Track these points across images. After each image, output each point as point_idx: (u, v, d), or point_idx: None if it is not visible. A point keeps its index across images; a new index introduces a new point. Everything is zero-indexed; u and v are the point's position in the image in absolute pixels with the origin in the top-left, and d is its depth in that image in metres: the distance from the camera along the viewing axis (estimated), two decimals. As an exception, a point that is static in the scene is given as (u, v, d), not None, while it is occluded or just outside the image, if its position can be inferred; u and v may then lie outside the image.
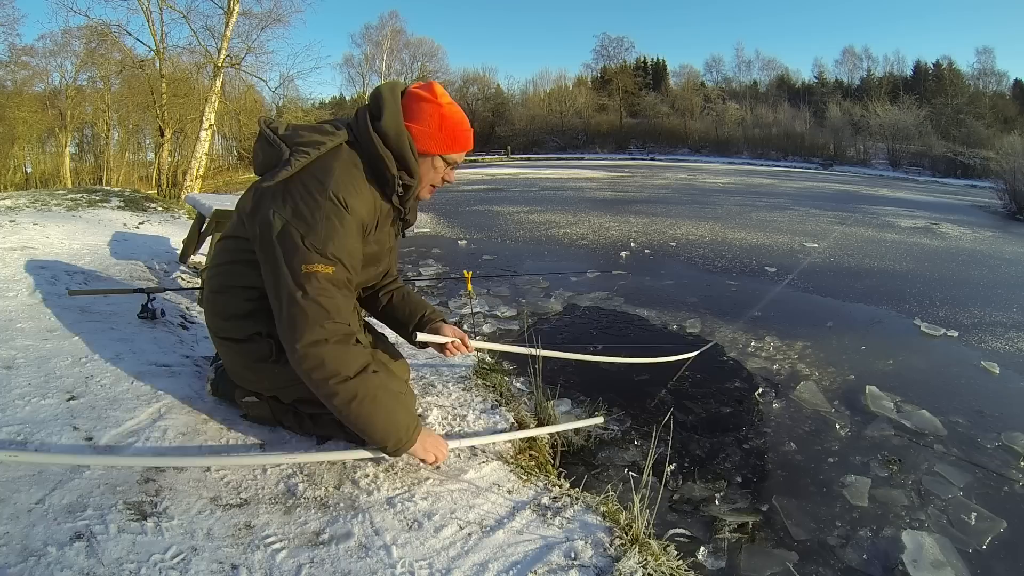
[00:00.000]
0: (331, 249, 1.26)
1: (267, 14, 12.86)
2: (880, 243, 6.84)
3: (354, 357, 1.27)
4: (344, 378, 1.25)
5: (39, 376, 1.69)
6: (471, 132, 1.45)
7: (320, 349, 1.24)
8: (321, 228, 1.26)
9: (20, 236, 3.36)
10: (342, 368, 1.25)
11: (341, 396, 1.26)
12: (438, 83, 1.44)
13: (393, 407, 1.31)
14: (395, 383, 1.44)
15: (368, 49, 36.64)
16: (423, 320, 1.63)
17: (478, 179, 16.87)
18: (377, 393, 1.28)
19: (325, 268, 1.25)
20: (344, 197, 1.28)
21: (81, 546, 1.07)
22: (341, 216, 1.28)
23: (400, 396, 1.37)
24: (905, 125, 32.78)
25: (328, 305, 1.25)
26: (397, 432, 1.32)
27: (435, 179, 1.46)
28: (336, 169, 1.30)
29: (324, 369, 1.24)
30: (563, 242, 6.27)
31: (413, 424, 1.36)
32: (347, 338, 1.27)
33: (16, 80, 17.10)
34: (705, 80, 43.52)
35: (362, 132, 1.35)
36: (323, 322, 1.24)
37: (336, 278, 1.27)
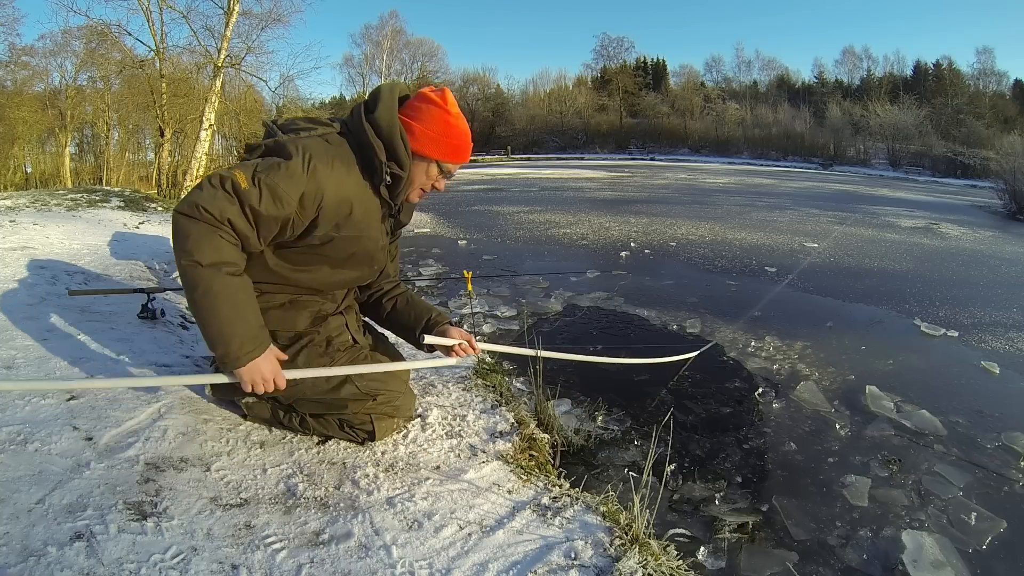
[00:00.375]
0: (262, 176, 1.24)
1: (267, 14, 12.86)
2: (880, 243, 6.84)
3: (216, 247, 1.21)
4: (195, 262, 1.20)
5: (39, 376, 1.69)
6: (471, 147, 1.48)
7: (188, 222, 1.20)
8: (271, 163, 1.26)
9: (20, 236, 3.36)
10: (197, 250, 1.20)
11: (187, 279, 1.22)
12: (451, 92, 1.46)
13: (232, 317, 1.23)
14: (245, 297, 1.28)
15: (368, 49, 36.72)
16: (429, 323, 1.62)
17: (478, 179, 16.87)
18: (222, 294, 1.21)
19: (243, 182, 1.23)
20: (313, 159, 1.29)
21: (81, 546, 1.07)
22: (298, 166, 1.27)
23: (245, 308, 1.26)
24: (905, 125, 32.79)
25: (222, 200, 1.21)
26: (226, 343, 1.23)
27: (426, 183, 1.47)
28: (316, 142, 1.33)
29: (183, 241, 1.20)
30: (563, 242, 6.27)
31: (251, 346, 1.26)
32: (217, 224, 1.21)
33: (16, 80, 17.10)
34: (705, 80, 43.58)
35: (354, 122, 1.38)
36: (206, 204, 1.20)
37: (244, 193, 1.22)
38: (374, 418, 1.54)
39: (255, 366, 1.28)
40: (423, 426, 1.69)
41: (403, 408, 1.62)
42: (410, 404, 1.66)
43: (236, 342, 1.24)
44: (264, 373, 1.30)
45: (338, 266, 1.46)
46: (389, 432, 1.61)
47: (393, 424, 1.62)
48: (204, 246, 1.20)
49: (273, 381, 1.31)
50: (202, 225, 1.20)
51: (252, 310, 1.28)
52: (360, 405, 1.52)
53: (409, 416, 1.69)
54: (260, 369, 1.29)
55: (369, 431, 1.55)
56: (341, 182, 1.33)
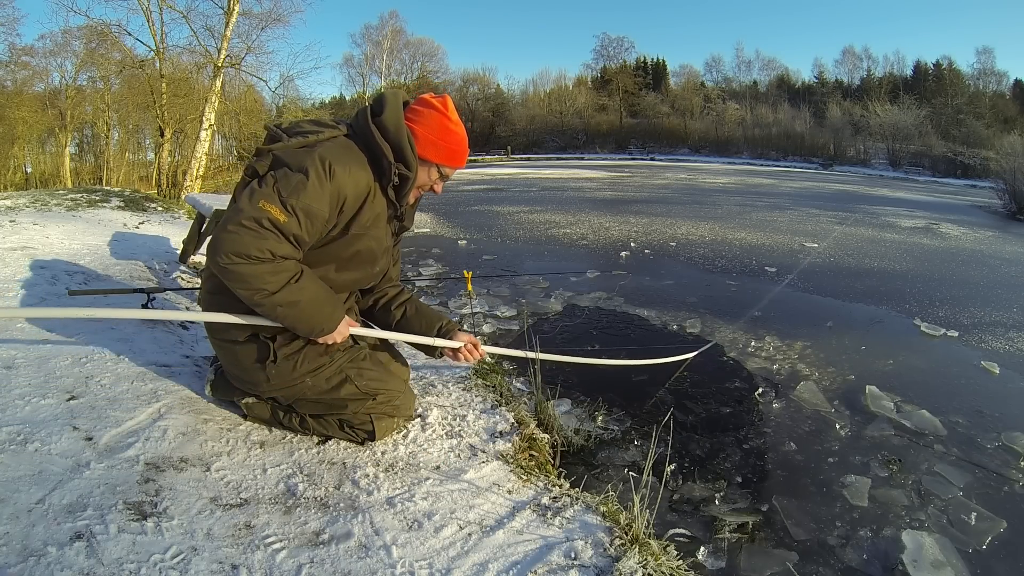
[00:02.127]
0: (293, 201, 1.26)
1: (267, 14, 12.85)
2: (880, 243, 6.83)
3: (278, 272, 1.28)
4: (269, 293, 1.28)
5: (39, 376, 1.69)
6: (468, 153, 1.53)
7: (241, 268, 1.24)
8: (294, 180, 1.28)
9: (20, 236, 3.36)
10: (266, 285, 1.27)
11: (268, 306, 1.30)
12: (451, 98, 1.49)
13: (315, 311, 1.36)
14: (319, 286, 1.39)
15: (368, 49, 36.65)
16: (440, 332, 1.65)
17: (478, 179, 16.87)
18: (301, 300, 1.32)
19: (278, 215, 1.25)
20: (331, 164, 1.30)
21: (81, 546, 1.07)
22: (319, 178, 1.29)
23: (319, 294, 1.37)
24: (905, 125, 32.77)
25: (263, 243, 1.24)
26: (322, 329, 1.40)
27: (425, 184, 1.51)
28: (329, 146, 1.34)
29: (248, 285, 1.27)
30: (563, 242, 6.27)
31: (337, 318, 1.41)
32: (270, 260, 1.26)
33: (16, 80, 17.09)
34: (705, 80, 43.54)
35: (361, 125, 1.40)
36: (250, 249, 1.23)
37: (285, 227, 1.26)
38: (374, 418, 1.54)
39: (340, 329, 1.44)
40: (423, 426, 1.69)
41: (403, 408, 1.62)
42: (410, 404, 1.67)
43: (330, 324, 1.40)
44: (339, 336, 1.45)
45: (342, 267, 1.46)
46: (389, 432, 1.61)
47: (393, 424, 1.62)
48: (269, 279, 1.27)
49: (344, 336, 1.47)
50: (258, 267, 1.25)
51: (324, 291, 1.39)
52: (360, 405, 1.52)
53: (409, 416, 1.69)
54: (337, 334, 1.44)
55: (369, 431, 1.55)
56: (356, 179, 1.35)
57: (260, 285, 1.27)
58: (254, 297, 1.28)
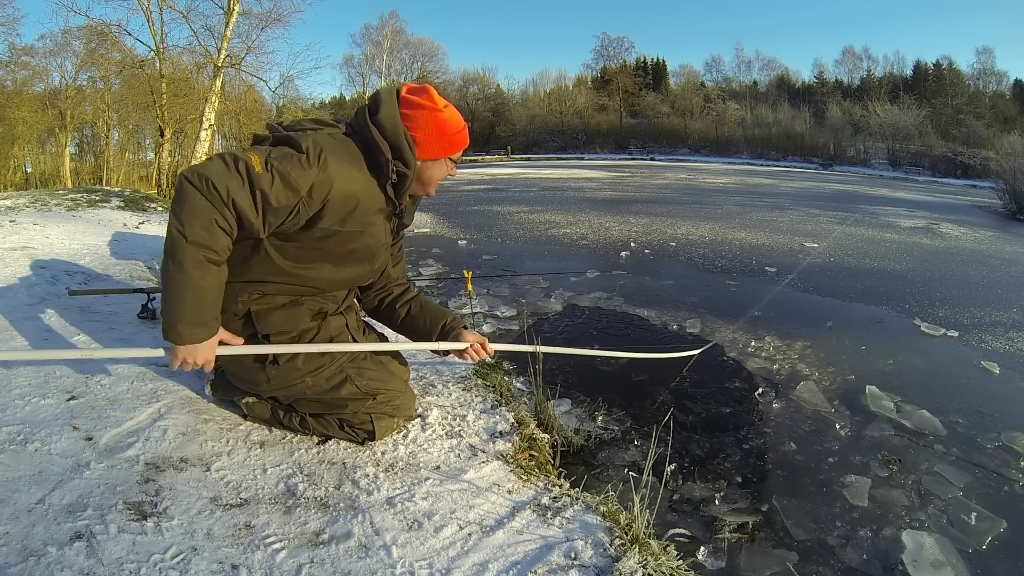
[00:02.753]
0: (275, 162, 1.25)
1: (267, 14, 12.88)
2: (880, 243, 6.83)
3: (208, 230, 1.20)
4: (183, 234, 1.18)
5: (39, 376, 1.69)
6: (467, 129, 1.52)
7: (194, 192, 1.19)
8: (284, 150, 1.28)
9: (20, 236, 3.36)
10: (189, 224, 1.18)
11: (169, 242, 1.20)
12: (432, 86, 1.49)
13: (191, 300, 1.23)
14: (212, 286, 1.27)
15: (368, 49, 36.68)
16: (445, 329, 1.64)
17: (478, 179, 16.87)
18: (192, 274, 1.20)
19: (256, 164, 1.23)
20: (324, 151, 1.30)
21: (81, 546, 1.07)
22: (309, 158, 1.28)
23: (207, 297, 1.25)
24: (905, 125, 32.78)
25: (233, 181, 1.20)
26: (174, 319, 1.24)
27: (443, 176, 1.54)
28: (326, 137, 1.35)
29: (180, 207, 1.19)
30: (563, 242, 6.27)
31: (196, 332, 1.26)
32: (219, 208, 1.20)
33: (16, 80, 17.10)
34: (705, 80, 43.57)
35: (359, 123, 1.41)
36: (216, 180, 1.18)
37: (256, 177, 1.22)
38: (374, 417, 1.54)
39: (190, 349, 1.28)
40: (423, 426, 1.69)
41: (403, 408, 1.62)
42: (410, 403, 1.67)
43: (183, 322, 1.25)
44: (195, 358, 1.29)
45: (340, 263, 1.46)
46: (389, 432, 1.61)
47: (393, 424, 1.62)
48: (197, 224, 1.19)
49: (201, 365, 1.32)
50: (204, 201, 1.19)
51: (213, 300, 1.28)
52: (360, 404, 1.52)
53: (409, 416, 1.69)
54: (193, 352, 1.28)
55: (369, 431, 1.55)
56: (349, 176, 1.34)
57: (185, 218, 1.18)
58: (172, 224, 1.19)
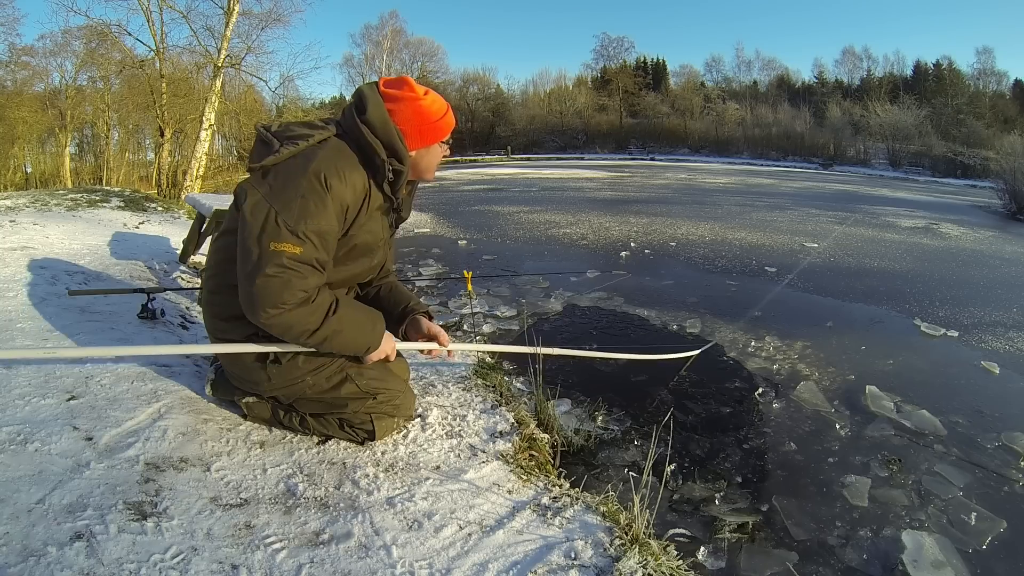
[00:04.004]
0: (302, 228, 1.27)
1: (267, 14, 12.83)
2: (880, 243, 6.83)
3: (316, 310, 1.32)
4: (312, 331, 1.33)
5: (39, 376, 1.69)
6: (451, 110, 1.51)
7: (282, 318, 1.28)
8: (295, 206, 1.28)
9: (20, 236, 3.36)
10: (308, 326, 1.32)
11: (314, 342, 1.36)
12: (409, 77, 1.49)
13: (357, 334, 1.42)
14: (355, 310, 1.46)
15: (368, 49, 36.72)
16: (405, 311, 1.66)
17: (478, 179, 16.87)
18: (343, 328, 1.37)
19: (293, 248, 1.26)
20: (326, 177, 1.30)
21: (81, 546, 1.07)
22: (319, 195, 1.29)
23: (358, 317, 1.43)
24: (905, 125, 32.76)
25: (291, 283, 1.26)
26: (367, 348, 1.46)
27: (438, 160, 1.54)
28: (321, 153, 1.34)
29: (292, 332, 1.33)
30: (563, 242, 6.27)
31: (379, 336, 1.47)
32: (306, 301, 1.30)
33: (16, 80, 17.07)
34: (705, 80, 43.54)
35: (350, 124, 1.40)
36: (283, 296, 1.26)
37: (303, 257, 1.28)
38: (374, 417, 1.54)
39: (382, 348, 1.49)
40: (423, 426, 1.69)
41: (403, 407, 1.62)
42: (410, 403, 1.67)
43: (375, 341, 1.47)
44: (381, 355, 1.50)
45: (342, 262, 1.46)
46: (389, 432, 1.61)
47: (393, 424, 1.62)
48: (309, 320, 1.32)
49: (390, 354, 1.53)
50: (298, 310, 1.29)
51: (362, 312, 1.46)
52: (360, 404, 1.52)
53: (409, 416, 1.69)
54: (380, 353, 1.49)
55: (369, 430, 1.55)
56: (354, 187, 1.36)
57: (303, 328, 1.32)
58: (300, 339, 1.34)
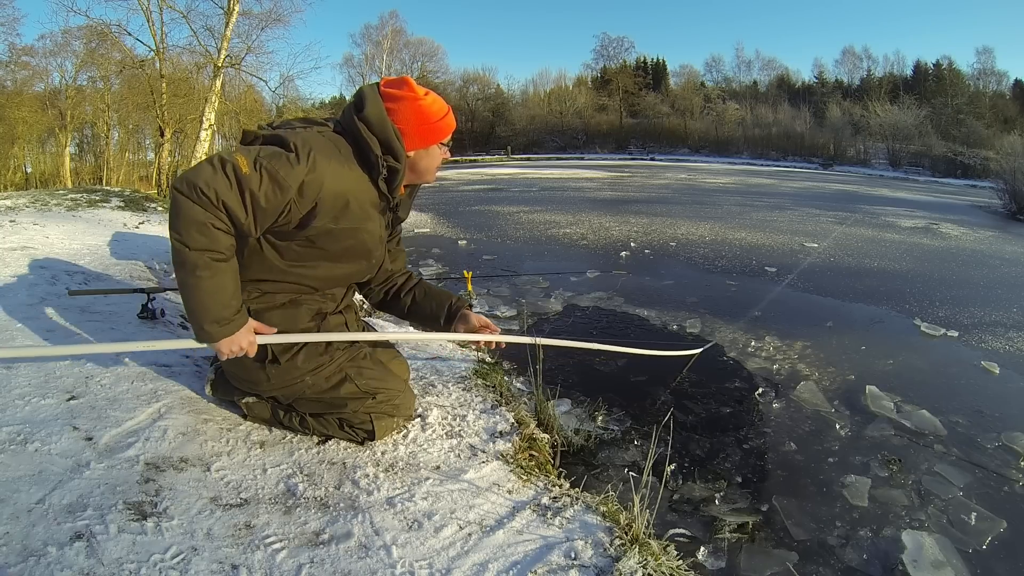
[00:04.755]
0: (263, 161, 1.25)
1: (267, 14, 12.85)
2: (880, 243, 6.83)
3: (206, 234, 1.22)
4: (184, 244, 1.22)
5: (39, 376, 1.69)
6: (451, 112, 1.51)
7: (185, 201, 1.20)
8: (271, 149, 1.28)
9: (20, 236, 3.36)
10: (187, 233, 1.21)
11: (175, 256, 1.24)
12: (410, 77, 1.49)
13: (209, 301, 1.27)
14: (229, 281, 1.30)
15: (368, 49, 36.71)
16: (451, 311, 1.69)
17: (478, 179, 16.87)
18: (204, 277, 1.24)
19: (244, 166, 1.23)
20: (313, 151, 1.30)
21: (81, 546, 1.07)
22: (299, 157, 1.28)
23: (224, 293, 1.28)
24: (905, 125, 32.76)
25: (221, 183, 1.21)
26: (200, 321, 1.28)
27: (438, 163, 1.54)
28: (316, 136, 1.35)
29: (176, 220, 1.22)
30: (563, 242, 6.27)
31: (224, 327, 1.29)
32: (211, 205, 1.21)
33: (16, 80, 17.10)
34: (705, 80, 43.53)
35: (347, 121, 1.41)
36: (204, 186, 1.19)
37: (245, 178, 1.22)
38: (374, 417, 1.54)
39: (227, 341, 1.32)
40: (423, 426, 1.69)
41: (403, 407, 1.62)
42: (410, 403, 1.67)
43: (209, 322, 1.28)
44: (233, 347, 1.34)
45: (336, 260, 1.46)
46: (389, 431, 1.61)
47: (393, 423, 1.62)
48: (194, 232, 1.21)
49: (245, 349, 1.36)
50: (196, 208, 1.21)
51: (231, 294, 1.30)
52: (360, 404, 1.52)
53: (409, 415, 1.69)
54: (230, 343, 1.33)
55: (369, 430, 1.55)
56: (339, 174, 1.34)
57: (182, 228, 1.21)
58: (172, 237, 1.22)
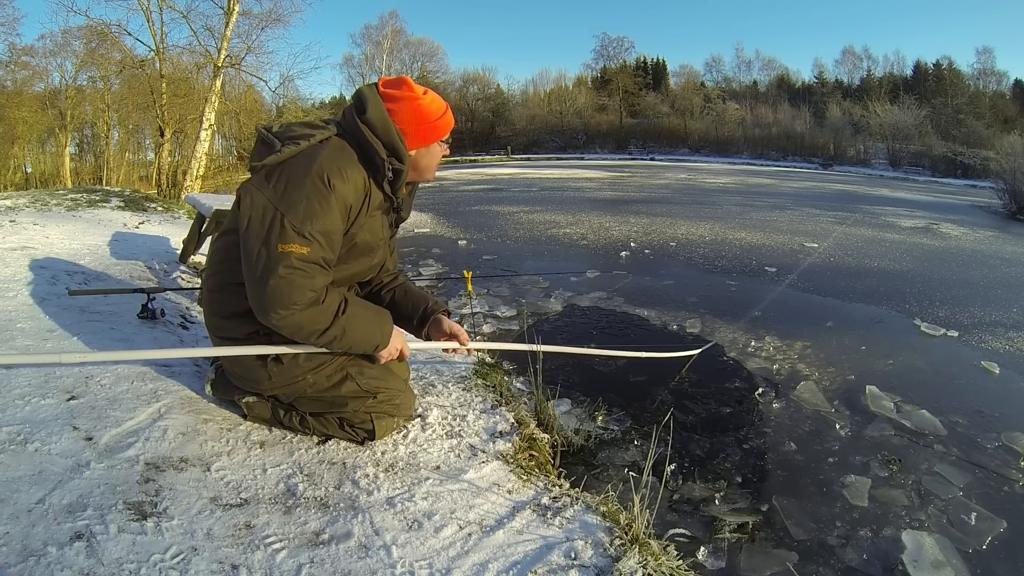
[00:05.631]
0: (308, 228, 1.28)
1: (267, 14, 12.83)
2: (880, 243, 6.83)
3: (326, 311, 1.34)
4: (322, 331, 1.35)
5: (39, 376, 1.69)
6: (450, 110, 1.52)
7: (293, 319, 1.30)
8: (301, 207, 1.29)
9: (20, 236, 3.36)
10: (318, 325, 1.34)
11: (324, 342, 1.38)
12: (408, 77, 1.49)
13: (365, 331, 1.44)
14: (363, 309, 1.47)
15: (368, 49, 36.72)
16: (425, 312, 1.69)
17: (478, 179, 16.87)
18: (352, 326, 1.39)
19: (300, 248, 1.28)
20: (329, 177, 1.31)
21: (81, 546, 1.07)
22: (323, 195, 1.30)
23: (364, 315, 1.44)
24: (905, 125, 32.77)
25: (299, 283, 1.28)
26: (375, 345, 1.47)
27: (438, 159, 1.55)
28: (323, 153, 1.35)
29: (303, 332, 1.35)
30: (563, 242, 6.27)
31: (386, 336, 1.49)
32: (315, 301, 1.32)
33: (16, 80, 17.09)
34: (705, 80, 43.55)
35: (350, 124, 1.41)
36: (293, 297, 1.28)
37: (310, 257, 1.29)
38: (374, 417, 1.54)
39: (392, 346, 1.51)
40: (423, 426, 1.69)
41: (403, 407, 1.62)
42: (410, 403, 1.67)
43: (383, 339, 1.48)
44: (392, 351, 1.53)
45: (341, 261, 1.46)
46: (389, 431, 1.61)
47: (393, 423, 1.62)
48: (319, 319, 1.33)
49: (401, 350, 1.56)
50: (308, 311, 1.31)
51: (370, 310, 1.48)
52: (360, 403, 1.52)
53: (409, 415, 1.69)
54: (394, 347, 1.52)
55: (369, 430, 1.55)
56: (355, 186, 1.37)
57: (313, 328, 1.34)
58: (310, 339, 1.36)
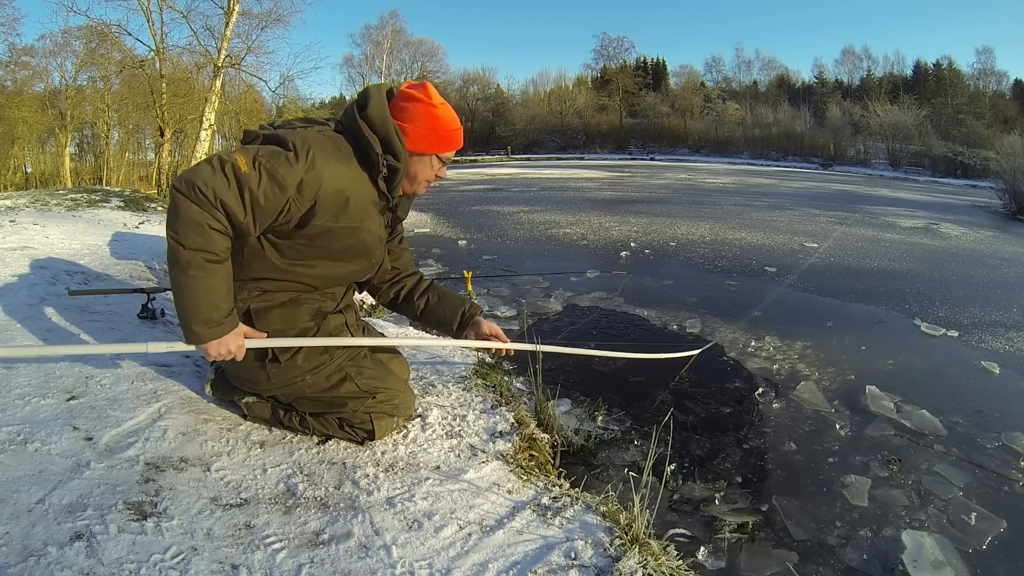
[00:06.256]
0: (262, 160, 1.25)
1: (267, 14, 12.84)
2: (880, 243, 6.83)
3: (202, 234, 1.22)
4: (179, 243, 1.22)
5: (39, 376, 1.69)
6: (461, 131, 1.51)
7: (183, 200, 1.21)
8: (271, 148, 1.28)
9: (20, 236, 3.36)
10: (183, 232, 1.22)
11: (170, 254, 1.25)
12: (431, 83, 1.49)
13: (201, 302, 1.27)
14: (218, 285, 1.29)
15: (368, 49, 36.72)
16: (464, 317, 1.71)
17: (478, 179, 16.87)
18: (196, 277, 1.24)
19: (243, 165, 1.24)
20: (312, 150, 1.30)
21: (81, 546, 1.07)
22: (298, 156, 1.28)
23: (215, 295, 1.28)
24: (905, 125, 32.78)
25: (220, 183, 1.21)
26: (189, 321, 1.28)
27: (430, 175, 1.52)
28: (315, 134, 1.35)
29: (173, 218, 1.22)
30: (563, 242, 6.27)
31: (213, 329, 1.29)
32: (209, 204, 1.21)
33: (16, 80, 17.11)
34: (705, 80, 43.59)
35: (349, 119, 1.41)
36: (203, 185, 1.20)
37: (244, 177, 1.23)
38: (374, 417, 1.54)
39: (215, 344, 1.31)
40: (423, 426, 1.69)
41: (403, 407, 1.62)
42: (410, 403, 1.67)
43: (198, 322, 1.28)
44: (221, 350, 1.33)
45: (336, 259, 1.46)
46: (389, 431, 1.61)
47: (393, 423, 1.62)
48: (190, 231, 1.22)
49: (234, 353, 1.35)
50: (194, 207, 1.21)
51: (223, 296, 1.30)
52: (360, 403, 1.52)
53: (409, 415, 1.69)
54: (218, 346, 1.32)
55: (369, 430, 1.55)
56: (338, 173, 1.34)
57: (179, 227, 1.21)
58: (168, 234, 1.23)
